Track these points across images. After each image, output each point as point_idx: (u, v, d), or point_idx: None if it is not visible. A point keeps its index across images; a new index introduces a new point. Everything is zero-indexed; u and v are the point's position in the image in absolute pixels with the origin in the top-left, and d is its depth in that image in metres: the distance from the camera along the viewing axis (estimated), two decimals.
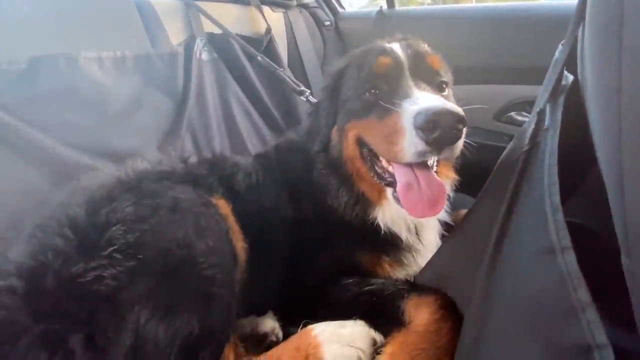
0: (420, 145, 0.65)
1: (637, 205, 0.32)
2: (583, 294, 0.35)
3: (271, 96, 1.61)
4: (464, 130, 0.66)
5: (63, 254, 0.60)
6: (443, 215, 0.94)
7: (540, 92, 0.56)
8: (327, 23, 1.97)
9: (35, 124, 0.98)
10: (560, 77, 0.49)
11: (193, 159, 1.03)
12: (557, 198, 0.40)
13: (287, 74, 1.50)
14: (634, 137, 0.32)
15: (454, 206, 0.99)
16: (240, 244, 0.78)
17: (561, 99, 0.47)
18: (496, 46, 1.56)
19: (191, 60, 1.35)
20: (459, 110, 0.64)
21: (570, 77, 0.49)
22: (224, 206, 0.80)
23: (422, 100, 0.68)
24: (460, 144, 0.69)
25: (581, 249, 0.39)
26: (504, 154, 0.61)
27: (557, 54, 0.54)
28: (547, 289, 0.39)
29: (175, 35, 1.37)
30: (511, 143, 0.60)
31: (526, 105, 1.45)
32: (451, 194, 0.94)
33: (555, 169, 0.41)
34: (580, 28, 0.44)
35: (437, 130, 0.63)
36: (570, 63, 0.48)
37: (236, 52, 1.51)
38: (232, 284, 0.70)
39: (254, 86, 1.55)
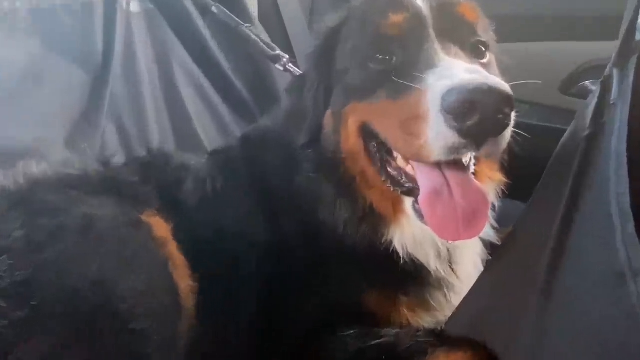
0: (452, 138, 0.66)
1: None
2: None
3: (234, 64, 1.63)
4: (513, 114, 0.68)
5: None
6: (487, 233, 0.96)
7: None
8: None
9: None
10: (631, 31, 0.51)
11: (118, 159, 1.04)
12: (626, 203, 0.41)
13: (256, 31, 1.53)
14: None
15: (502, 219, 1.01)
16: (185, 282, 0.79)
17: (632, 61, 0.49)
18: None
19: (115, 13, 1.37)
20: (506, 86, 0.64)
21: None
22: (160, 227, 0.82)
23: (453, 71, 0.69)
24: (507, 134, 0.70)
25: None
26: (561, 142, 0.63)
27: None
28: (616, 323, 0.41)
29: None
30: (571, 126, 0.62)
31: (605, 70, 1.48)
32: (497, 203, 0.97)
33: (624, 163, 0.43)
34: None
35: (475, 115, 0.64)
36: None
37: (181, 0, 1.53)
38: (173, 340, 0.72)
39: (208, 50, 1.57)
